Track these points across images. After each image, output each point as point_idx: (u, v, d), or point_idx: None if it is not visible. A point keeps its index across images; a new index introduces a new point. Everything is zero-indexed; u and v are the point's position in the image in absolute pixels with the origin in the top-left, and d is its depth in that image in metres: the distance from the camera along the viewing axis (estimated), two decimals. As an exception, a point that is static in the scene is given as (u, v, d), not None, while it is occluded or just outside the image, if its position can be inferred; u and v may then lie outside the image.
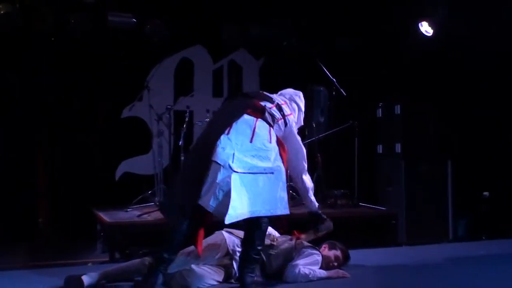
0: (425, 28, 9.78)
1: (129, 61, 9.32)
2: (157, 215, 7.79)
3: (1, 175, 8.62)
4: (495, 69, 9.68)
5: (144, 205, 8.34)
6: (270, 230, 6.41)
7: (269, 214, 5.39)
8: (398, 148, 9.05)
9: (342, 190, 9.06)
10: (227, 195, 5.17)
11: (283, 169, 5.49)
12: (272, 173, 5.39)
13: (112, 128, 9.42)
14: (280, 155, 5.52)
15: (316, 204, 6.11)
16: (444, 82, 9.87)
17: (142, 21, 9.32)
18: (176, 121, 9.14)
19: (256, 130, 5.45)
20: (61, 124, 9.06)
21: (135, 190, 8.66)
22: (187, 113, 8.66)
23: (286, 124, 5.74)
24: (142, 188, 8.68)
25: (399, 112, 9.11)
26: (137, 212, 7.95)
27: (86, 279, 5.50)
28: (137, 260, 5.91)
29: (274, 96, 5.97)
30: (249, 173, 5.29)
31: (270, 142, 5.47)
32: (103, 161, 9.28)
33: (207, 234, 5.80)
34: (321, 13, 9.89)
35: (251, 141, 5.40)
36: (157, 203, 8.26)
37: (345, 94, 8.92)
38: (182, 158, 8.39)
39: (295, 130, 5.86)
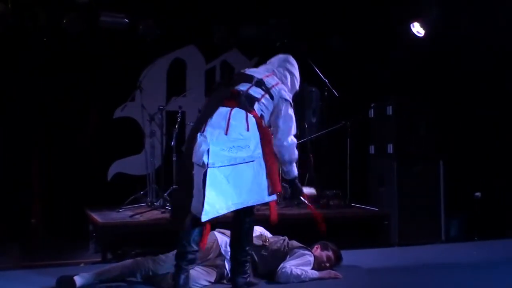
0: (417, 28, 9.79)
1: (122, 61, 9.30)
2: (149, 215, 7.80)
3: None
4: (488, 69, 9.69)
5: (136, 205, 8.34)
6: (262, 230, 6.44)
7: (257, 203, 5.37)
8: (390, 148, 9.04)
9: (334, 191, 9.08)
10: (202, 192, 5.15)
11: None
12: (253, 161, 5.30)
13: (104, 129, 9.39)
14: (263, 140, 5.39)
15: (295, 173, 5.77)
16: (436, 82, 9.88)
17: (134, 21, 9.30)
18: (169, 121, 9.14)
19: (231, 121, 5.32)
20: (53, 125, 9.03)
21: (128, 190, 8.66)
22: (180, 114, 8.65)
23: (272, 97, 5.56)
24: (135, 188, 8.68)
25: (391, 113, 9.10)
26: (129, 213, 7.95)
27: (78, 280, 5.50)
28: (129, 261, 5.92)
29: (257, 70, 5.85)
30: (229, 165, 5.22)
31: (248, 130, 5.33)
32: (96, 161, 9.25)
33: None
34: (313, 13, 9.89)
35: (226, 133, 5.28)
36: (149, 203, 8.28)
37: (337, 94, 8.94)
38: (174, 158, 8.40)
39: (287, 98, 5.62)
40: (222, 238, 5.93)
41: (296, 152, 5.66)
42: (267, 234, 6.42)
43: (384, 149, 9.14)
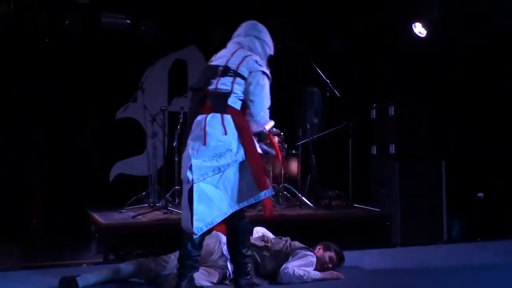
0: (419, 29, 9.78)
1: (123, 62, 9.31)
2: (151, 216, 7.79)
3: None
4: (490, 69, 9.69)
5: (138, 206, 8.33)
6: (265, 231, 6.44)
7: (254, 201, 5.28)
8: (392, 149, 9.03)
9: (336, 191, 9.07)
10: (189, 208, 5.15)
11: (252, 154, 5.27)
12: (238, 161, 5.23)
13: (106, 129, 9.40)
14: (242, 139, 5.25)
15: (264, 130, 5.57)
16: (438, 82, 9.87)
17: (136, 22, 9.32)
18: (170, 122, 9.15)
19: (207, 129, 5.24)
20: (55, 125, 9.04)
21: (130, 191, 8.67)
22: (181, 114, 8.64)
23: (243, 76, 5.36)
24: (136, 189, 8.68)
25: (393, 113, 9.09)
26: (132, 213, 7.94)
27: (81, 280, 5.50)
28: (132, 261, 5.92)
29: (222, 54, 5.66)
30: (215, 174, 5.18)
31: (226, 134, 5.21)
32: (97, 162, 9.25)
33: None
34: (314, 13, 9.89)
35: (204, 144, 5.22)
36: (151, 204, 8.28)
37: (338, 95, 8.92)
38: (176, 159, 8.39)
39: (258, 68, 5.37)
40: (225, 239, 5.91)
41: (267, 121, 5.48)
42: (269, 235, 6.42)
43: (386, 149, 9.14)
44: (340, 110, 9.42)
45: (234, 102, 5.33)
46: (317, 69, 8.93)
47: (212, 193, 5.17)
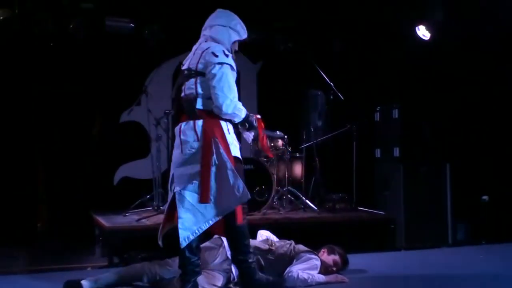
0: (422, 32, 9.77)
1: (127, 65, 9.34)
2: (155, 219, 7.79)
3: (0, 180, 8.64)
4: (494, 71, 9.67)
5: (142, 209, 8.35)
6: (269, 235, 6.43)
7: (234, 206, 5.22)
8: (396, 152, 9.01)
9: (340, 194, 9.09)
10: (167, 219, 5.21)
11: (225, 157, 5.19)
12: (214, 166, 5.19)
13: (110, 133, 9.42)
14: (204, 146, 5.17)
15: (243, 117, 5.41)
16: (442, 85, 9.86)
17: (139, 26, 9.33)
18: (174, 125, 9.13)
19: (181, 137, 5.27)
20: (59, 129, 9.07)
21: (134, 194, 8.69)
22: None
23: (203, 73, 5.25)
24: (141, 192, 8.69)
25: (397, 116, 9.08)
26: (136, 217, 7.94)
27: (85, 284, 5.49)
28: (136, 265, 5.92)
29: (192, 52, 5.53)
30: (194, 181, 5.17)
31: (198, 140, 5.19)
32: (102, 165, 9.28)
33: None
34: (318, 16, 9.89)
35: (181, 152, 5.24)
36: (155, 207, 8.28)
37: (342, 98, 8.92)
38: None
39: (213, 60, 5.24)
40: (229, 242, 5.91)
41: (241, 110, 5.33)
42: (274, 238, 6.41)
43: (390, 152, 9.12)
44: (344, 113, 9.43)
45: (203, 104, 5.28)
46: (321, 72, 8.93)
47: (195, 200, 5.17)
